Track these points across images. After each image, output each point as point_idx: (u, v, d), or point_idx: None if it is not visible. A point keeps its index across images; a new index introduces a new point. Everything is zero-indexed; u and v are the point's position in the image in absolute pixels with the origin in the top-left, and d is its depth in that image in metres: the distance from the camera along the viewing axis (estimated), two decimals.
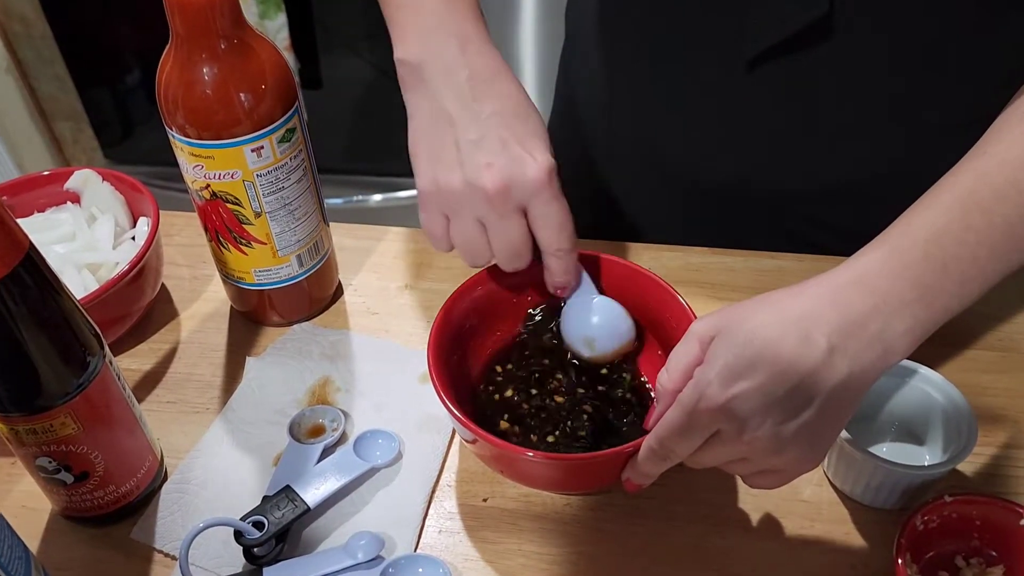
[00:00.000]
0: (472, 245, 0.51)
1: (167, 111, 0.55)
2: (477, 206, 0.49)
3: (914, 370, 0.55)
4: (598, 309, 0.55)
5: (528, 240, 0.51)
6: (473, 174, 0.48)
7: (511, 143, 0.48)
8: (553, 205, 0.49)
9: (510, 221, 0.49)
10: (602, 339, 0.55)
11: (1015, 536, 0.48)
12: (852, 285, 0.42)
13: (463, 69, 0.50)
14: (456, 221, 0.50)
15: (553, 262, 0.52)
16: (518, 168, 0.48)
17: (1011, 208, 0.42)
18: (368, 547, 0.51)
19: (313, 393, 0.61)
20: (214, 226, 0.60)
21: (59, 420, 0.47)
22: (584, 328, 0.55)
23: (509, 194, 0.48)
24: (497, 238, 0.50)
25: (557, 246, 0.51)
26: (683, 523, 0.53)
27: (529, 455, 0.49)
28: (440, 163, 0.49)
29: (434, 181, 0.50)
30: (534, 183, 0.48)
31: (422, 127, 0.51)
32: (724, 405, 0.41)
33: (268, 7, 1.44)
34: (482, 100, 0.49)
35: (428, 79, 0.50)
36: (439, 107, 0.50)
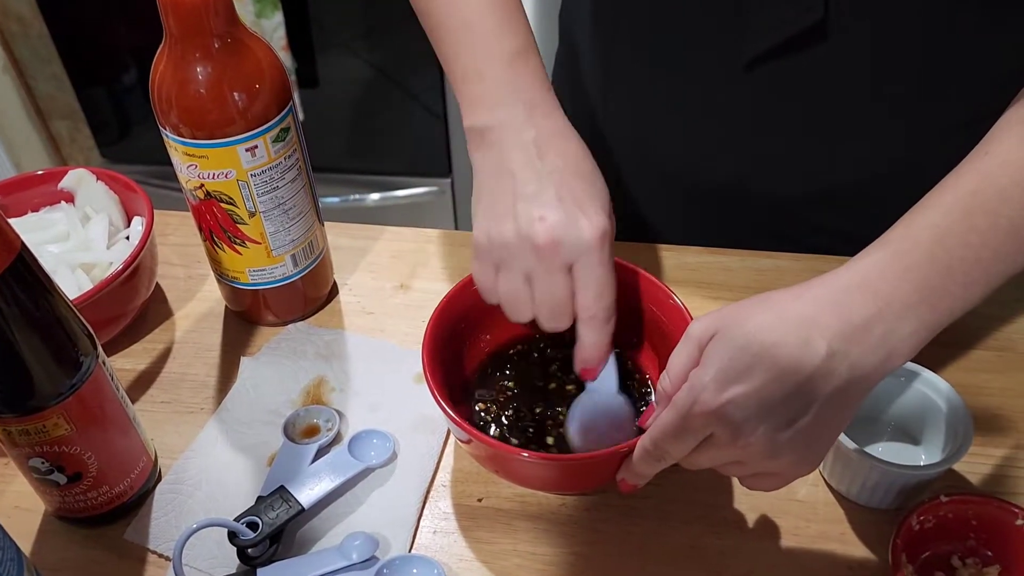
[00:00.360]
0: (516, 298, 0.50)
1: (161, 111, 0.55)
2: (526, 259, 0.48)
3: (911, 370, 0.55)
4: (610, 413, 0.52)
5: (570, 299, 0.49)
6: (526, 226, 0.48)
7: (567, 201, 0.48)
8: (598, 270, 0.48)
9: (555, 277, 0.48)
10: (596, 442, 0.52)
11: (1011, 536, 0.48)
12: (854, 288, 0.41)
13: (530, 130, 0.50)
14: (504, 273, 0.50)
15: (585, 331, 0.50)
16: (571, 225, 0.47)
17: (1015, 209, 0.41)
18: (363, 548, 0.50)
19: (308, 393, 0.61)
20: (208, 226, 0.60)
21: (52, 421, 0.47)
22: (592, 426, 0.53)
23: (558, 250, 0.47)
24: (540, 293, 0.49)
25: (592, 312, 0.49)
26: (679, 523, 0.53)
27: (524, 455, 0.49)
28: (496, 214, 0.49)
29: (487, 232, 0.49)
30: (585, 243, 0.47)
31: (484, 182, 0.51)
32: (718, 409, 0.40)
33: (265, 6, 1.43)
34: (545, 157, 0.49)
35: (495, 140, 0.50)
36: (502, 163, 0.50)
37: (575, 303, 0.49)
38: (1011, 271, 0.42)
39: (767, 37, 0.59)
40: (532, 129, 0.50)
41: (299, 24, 1.52)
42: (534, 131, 0.50)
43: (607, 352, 0.51)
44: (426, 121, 1.61)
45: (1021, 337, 0.64)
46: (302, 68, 1.56)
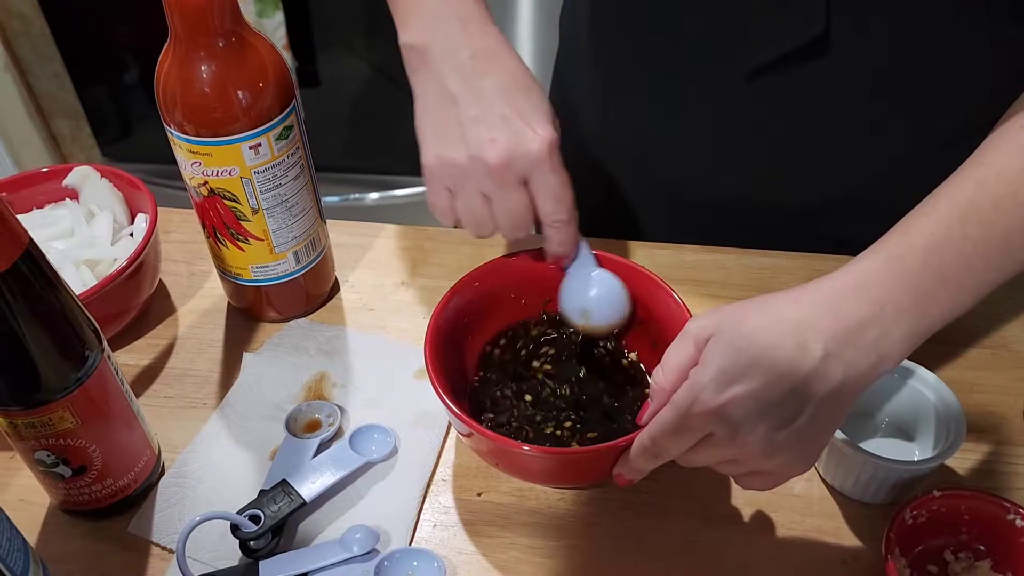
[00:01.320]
0: (476, 217, 0.52)
1: (166, 108, 0.55)
2: (481, 180, 0.50)
3: (905, 367, 0.55)
4: (596, 282, 0.55)
5: (530, 211, 0.52)
6: (476, 149, 0.49)
7: (513, 117, 0.50)
8: (552, 177, 0.50)
9: (512, 193, 0.50)
10: (598, 312, 0.55)
11: (1003, 530, 0.49)
12: (850, 292, 0.42)
13: (465, 48, 0.51)
14: (461, 195, 0.52)
15: (551, 232, 0.53)
16: (520, 141, 0.49)
17: (1009, 219, 0.43)
18: (363, 541, 0.51)
19: (309, 388, 0.62)
20: (212, 222, 0.60)
21: (58, 414, 0.47)
22: (581, 300, 0.56)
23: (511, 167, 0.49)
24: (500, 210, 0.51)
25: (555, 217, 0.51)
26: (676, 517, 0.54)
27: (524, 449, 0.50)
28: (444, 140, 0.51)
29: (438, 157, 0.51)
30: (535, 155, 0.49)
31: (426, 106, 0.52)
32: (718, 409, 0.41)
33: (266, 5, 1.44)
34: (484, 76, 0.50)
35: (432, 61, 0.51)
36: (442, 86, 0.51)
37: (538, 212, 0.52)
38: (1001, 280, 0.43)
39: (769, 49, 0.60)
40: (468, 48, 0.51)
41: (300, 23, 1.52)
42: (470, 49, 0.51)
43: (575, 244, 0.54)
44: None
45: (1014, 335, 0.64)
46: (303, 67, 1.57)
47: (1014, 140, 0.45)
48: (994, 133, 0.47)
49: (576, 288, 0.56)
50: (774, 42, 0.60)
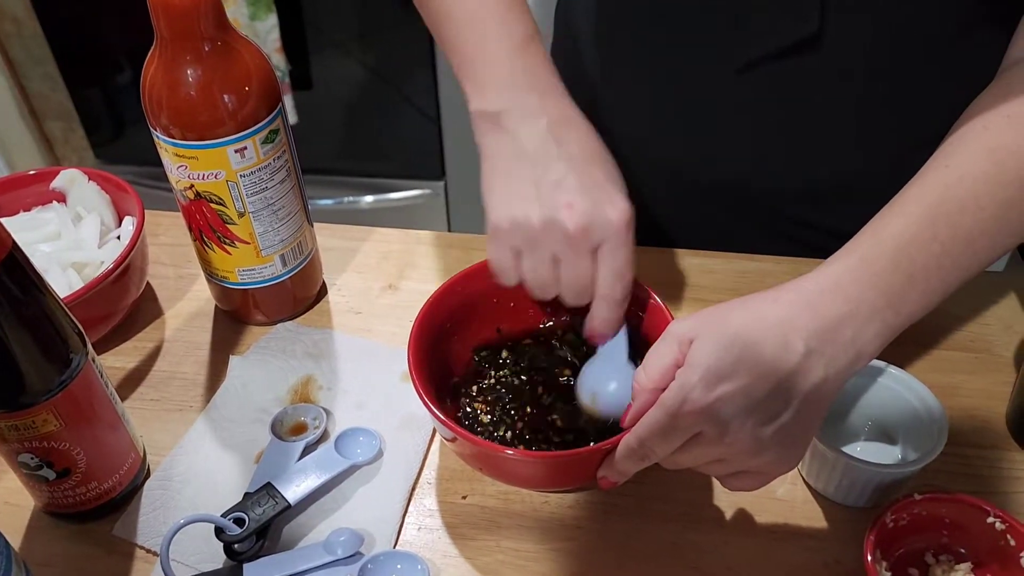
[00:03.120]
0: (543, 281, 0.51)
1: (151, 112, 0.55)
2: (554, 243, 0.49)
3: (889, 371, 0.56)
4: (621, 374, 0.53)
5: (593, 280, 0.51)
6: (554, 212, 0.49)
7: (591, 187, 0.49)
8: (622, 251, 0.50)
9: (583, 260, 0.50)
10: (606, 404, 0.53)
11: (983, 533, 0.49)
12: (826, 292, 0.43)
13: (543, 116, 0.50)
14: (529, 257, 0.51)
15: (601, 307, 0.51)
16: (599, 210, 0.49)
17: (973, 221, 0.44)
18: (347, 543, 0.51)
19: (296, 391, 0.62)
20: (198, 226, 0.60)
21: (41, 417, 0.47)
22: (598, 385, 0.54)
23: (588, 234, 0.49)
24: (568, 275, 0.50)
25: (610, 292, 0.51)
26: (660, 520, 0.54)
27: (508, 453, 0.50)
28: (517, 200, 0.50)
29: (510, 217, 0.50)
30: (613, 226, 0.49)
31: (499, 166, 0.51)
32: (708, 407, 0.42)
33: (259, 8, 1.44)
34: (562, 144, 0.50)
35: (507, 125, 0.51)
36: (519, 148, 0.50)
37: (596, 282, 0.51)
38: (967, 277, 0.45)
39: (763, 44, 0.61)
40: (545, 116, 0.51)
41: (293, 26, 1.52)
42: (547, 118, 0.50)
43: (618, 326, 0.53)
44: (420, 124, 1.62)
45: (998, 339, 0.65)
46: (296, 70, 1.57)
47: (975, 144, 0.47)
48: (953, 136, 0.48)
49: (599, 372, 0.54)
50: (768, 39, 0.61)
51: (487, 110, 0.52)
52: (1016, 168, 0.45)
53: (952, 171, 0.46)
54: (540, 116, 0.50)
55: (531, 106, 0.51)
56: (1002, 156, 0.46)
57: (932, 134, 0.50)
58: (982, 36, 0.58)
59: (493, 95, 0.51)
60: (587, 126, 0.52)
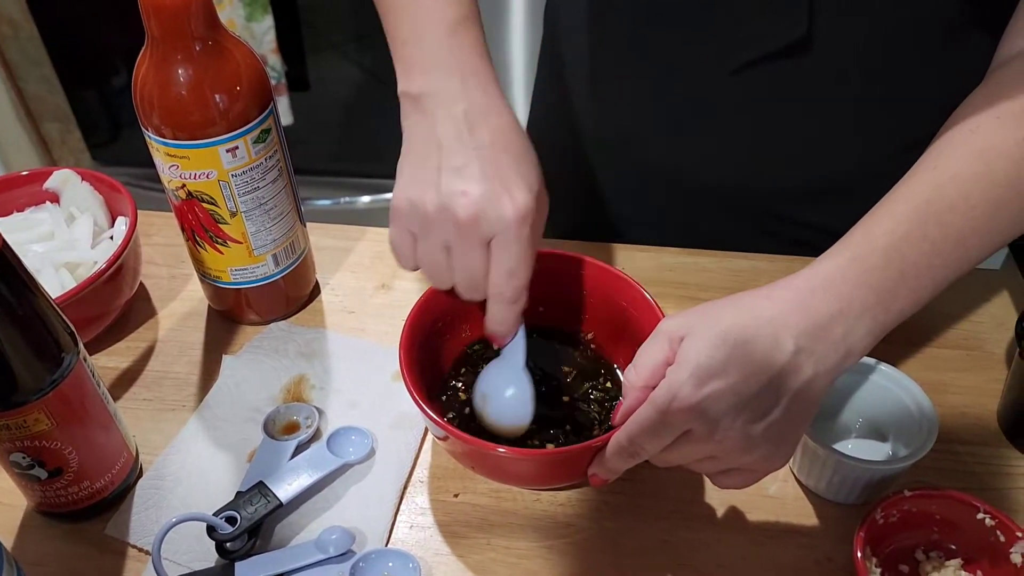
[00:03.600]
0: (435, 268, 0.50)
1: (143, 112, 0.55)
2: (446, 230, 0.48)
3: (880, 369, 0.56)
4: (516, 381, 0.53)
5: (487, 274, 0.49)
6: (447, 199, 0.48)
7: (492, 177, 0.48)
8: (513, 248, 0.48)
9: (473, 252, 0.48)
10: (499, 412, 0.53)
11: (973, 530, 0.49)
12: (817, 290, 0.44)
13: (462, 102, 0.49)
14: (423, 242, 0.50)
15: (492, 306, 0.50)
16: (493, 202, 0.47)
17: (963, 221, 0.45)
18: (339, 542, 0.51)
19: (288, 391, 0.62)
20: (190, 225, 0.60)
21: (32, 416, 0.47)
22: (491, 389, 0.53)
23: (478, 225, 0.47)
24: (458, 265, 0.49)
25: (500, 290, 0.49)
26: (651, 518, 0.54)
27: (499, 450, 0.50)
28: (418, 183, 0.49)
29: (408, 199, 0.49)
30: (506, 220, 0.47)
31: (411, 149, 0.51)
32: (697, 404, 0.42)
33: (255, 9, 1.44)
34: (474, 132, 0.49)
35: (426, 108, 0.50)
36: (431, 132, 0.50)
37: (488, 279, 0.49)
38: (956, 276, 0.45)
39: (752, 48, 0.62)
40: (464, 102, 0.50)
41: (289, 27, 1.53)
42: (466, 103, 0.50)
43: (514, 327, 0.52)
44: None
45: (989, 337, 0.65)
46: (292, 71, 1.57)
47: (964, 144, 0.47)
48: (943, 136, 0.49)
49: (494, 375, 0.54)
50: (758, 42, 0.61)
51: (411, 92, 0.51)
52: (1005, 168, 0.46)
53: (942, 171, 0.46)
54: (459, 101, 0.49)
55: (452, 91, 0.50)
56: (991, 156, 0.46)
57: (923, 134, 0.51)
58: (969, 38, 0.58)
59: (419, 77, 0.51)
60: (508, 116, 0.51)
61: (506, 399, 0.52)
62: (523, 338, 0.53)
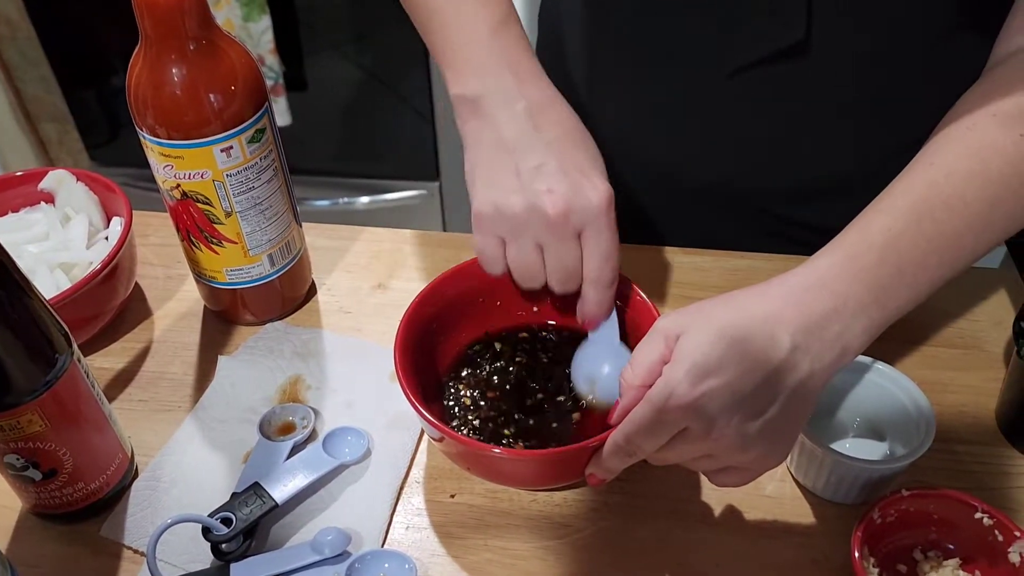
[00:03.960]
0: (529, 267, 0.51)
1: (137, 112, 0.55)
2: (537, 230, 0.49)
3: (877, 367, 0.56)
4: (615, 356, 0.53)
5: (580, 265, 0.51)
6: (534, 198, 0.49)
7: (571, 170, 0.49)
8: (605, 234, 0.50)
9: (567, 245, 0.50)
10: (606, 389, 0.53)
11: (971, 529, 0.49)
12: (813, 287, 0.43)
13: (520, 100, 0.50)
14: (514, 244, 0.51)
15: (591, 291, 0.52)
16: (579, 194, 0.49)
17: (958, 219, 0.45)
18: (335, 543, 0.51)
19: (284, 391, 0.62)
20: (185, 225, 0.60)
21: (26, 417, 0.47)
22: (594, 370, 0.54)
23: (569, 219, 0.49)
24: (553, 261, 0.51)
25: (598, 275, 0.51)
26: (648, 518, 0.54)
27: (495, 451, 0.50)
28: (499, 188, 0.50)
29: (493, 204, 0.50)
30: (594, 208, 0.49)
31: (481, 155, 0.51)
32: (694, 402, 0.42)
33: (252, 9, 1.44)
34: (541, 129, 0.50)
35: (486, 111, 0.51)
36: (498, 136, 0.50)
37: (584, 267, 0.51)
38: (952, 274, 0.45)
39: (751, 52, 0.62)
40: (523, 99, 0.50)
41: (287, 27, 1.52)
42: (525, 101, 0.50)
43: (610, 309, 0.53)
44: (415, 124, 1.62)
45: (987, 336, 0.65)
46: (290, 71, 1.57)
47: (960, 142, 0.47)
48: (939, 134, 0.48)
49: (593, 356, 0.54)
50: (756, 45, 0.61)
51: (466, 95, 0.51)
52: (1000, 166, 0.45)
53: (938, 169, 0.46)
54: (518, 100, 0.50)
55: (509, 89, 0.50)
56: (988, 154, 0.46)
57: (920, 135, 0.51)
58: (965, 39, 0.58)
59: (472, 79, 0.51)
60: (566, 108, 0.52)
61: (613, 375, 0.53)
62: (615, 317, 0.54)
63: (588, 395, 0.54)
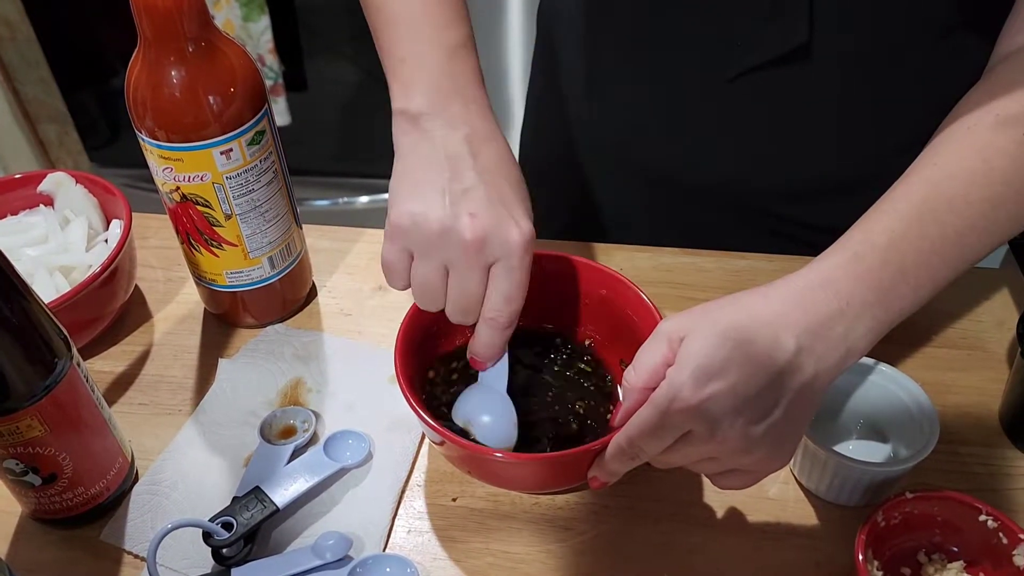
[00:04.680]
0: (429, 288, 0.50)
1: (136, 114, 0.55)
2: (449, 251, 0.48)
3: (881, 370, 0.56)
4: (497, 406, 0.53)
5: (481, 299, 0.49)
6: (454, 221, 0.47)
7: (497, 203, 0.48)
8: (516, 274, 0.48)
9: (473, 274, 0.48)
10: (483, 436, 0.52)
11: (975, 532, 0.49)
12: (817, 288, 0.43)
13: (464, 126, 0.50)
14: (421, 261, 0.49)
15: (484, 330, 0.50)
16: (500, 226, 0.47)
17: (961, 220, 0.44)
18: (336, 547, 0.51)
19: (285, 394, 0.61)
20: (185, 228, 0.60)
21: (25, 422, 0.47)
22: (472, 415, 0.53)
23: (484, 248, 0.47)
24: (456, 287, 0.49)
25: (495, 315, 0.49)
26: (650, 521, 0.54)
27: (497, 455, 0.50)
28: (422, 202, 0.48)
29: (411, 216, 0.48)
30: (511, 246, 0.47)
31: (410, 167, 0.50)
32: (698, 405, 0.41)
33: (251, 10, 1.44)
34: (477, 156, 0.49)
35: (427, 129, 0.50)
36: (433, 153, 0.49)
37: (484, 303, 0.49)
38: (955, 274, 0.45)
39: (753, 56, 0.62)
40: (467, 126, 0.50)
41: (287, 28, 1.52)
42: (468, 128, 0.50)
43: (500, 352, 0.52)
44: None
45: (990, 336, 0.64)
46: (290, 71, 1.57)
47: (963, 142, 0.47)
48: (942, 134, 0.48)
49: (477, 401, 0.53)
50: (758, 50, 0.61)
51: (410, 110, 0.51)
52: (1003, 166, 0.45)
53: (940, 169, 0.46)
54: (461, 126, 0.50)
55: (454, 114, 0.50)
56: (990, 154, 0.46)
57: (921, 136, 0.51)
58: (966, 40, 0.58)
59: (418, 97, 0.50)
60: (504, 144, 0.51)
61: (490, 425, 0.52)
62: (506, 364, 0.53)
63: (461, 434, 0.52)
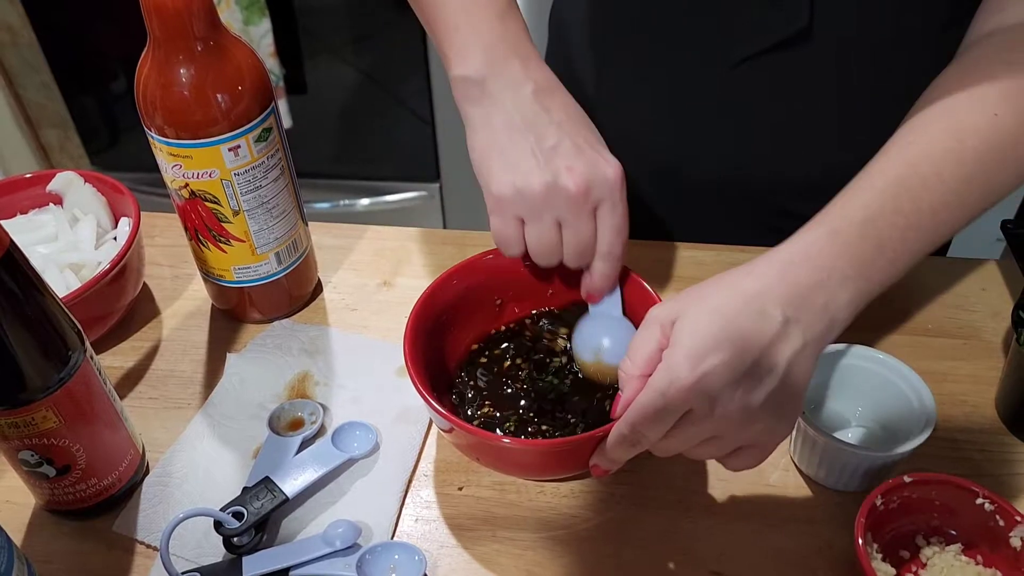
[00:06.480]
0: (549, 245, 0.53)
1: (146, 112, 0.56)
2: (558, 207, 0.51)
3: (877, 357, 0.56)
4: (615, 329, 0.55)
5: (595, 239, 0.53)
6: (555, 177, 0.50)
7: (585, 148, 0.51)
8: (619, 207, 0.52)
9: (585, 221, 0.51)
10: (610, 356, 0.55)
11: (973, 515, 0.49)
12: (798, 262, 0.45)
13: (528, 83, 0.52)
14: (534, 224, 0.52)
15: (600, 265, 0.53)
16: (596, 170, 0.51)
17: (935, 196, 0.46)
18: (345, 535, 0.52)
19: (292, 387, 0.62)
20: (193, 224, 0.61)
21: (40, 414, 0.48)
22: (596, 341, 0.55)
23: (589, 195, 0.51)
24: (572, 237, 0.52)
25: (610, 248, 0.53)
26: (653, 508, 0.55)
27: (504, 441, 0.51)
28: (518, 169, 0.51)
29: (513, 185, 0.51)
30: (610, 183, 0.51)
31: (493, 137, 0.52)
32: (696, 383, 0.42)
33: (252, 13, 1.45)
34: (549, 110, 0.52)
35: (494, 93, 0.52)
36: (509, 118, 0.52)
37: (598, 240, 0.53)
38: (930, 248, 0.47)
39: (753, 42, 0.63)
40: (530, 83, 0.52)
41: (287, 31, 1.53)
42: (532, 84, 0.52)
43: (616, 281, 0.55)
44: (414, 126, 1.63)
45: (986, 326, 0.65)
46: (290, 74, 1.58)
47: (937, 122, 0.48)
48: (917, 114, 0.50)
49: (597, 328, 0.56)
50: (760, 36, 0.62)
51: (471, 76, 0.52)
52: (976, 145, 0.47)
53: (915, 148, 0.47)
54: (525, 83, 0.52)
55: (515, 73, 0.52)
56: (964, 134, 0.47)
57: None
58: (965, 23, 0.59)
59: (477, 61, 0.52)
60: (565, 91, 0.53)
61: (613, 347, 0.54)
62: (618, 289, 0.56)
63: (595, 364, 0.55)
